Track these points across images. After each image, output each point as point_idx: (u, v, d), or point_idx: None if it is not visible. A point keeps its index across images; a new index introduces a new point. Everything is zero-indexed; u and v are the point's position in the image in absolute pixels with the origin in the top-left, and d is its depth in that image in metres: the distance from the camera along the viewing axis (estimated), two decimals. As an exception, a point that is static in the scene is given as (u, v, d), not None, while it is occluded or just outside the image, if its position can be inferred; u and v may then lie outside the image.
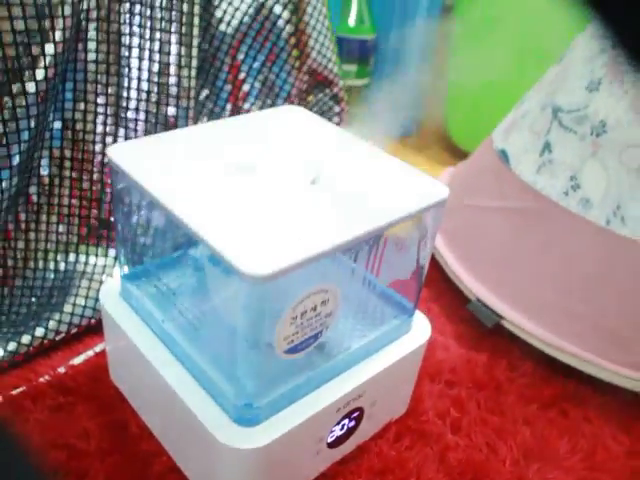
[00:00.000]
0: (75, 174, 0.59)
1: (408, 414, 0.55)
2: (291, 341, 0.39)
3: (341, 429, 0.47)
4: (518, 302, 0.62)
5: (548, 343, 0.59)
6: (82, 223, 0.61)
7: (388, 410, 0.53)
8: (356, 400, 0.46)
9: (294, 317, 0.38)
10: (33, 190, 0.58)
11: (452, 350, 0.64)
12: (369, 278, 0.47)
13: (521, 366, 0.63)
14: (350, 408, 0.46)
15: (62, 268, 0.61)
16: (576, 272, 0.59)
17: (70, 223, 0.61)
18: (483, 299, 0.64)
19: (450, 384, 0.60)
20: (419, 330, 0.51)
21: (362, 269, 0.45)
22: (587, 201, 0.58)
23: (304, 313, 0.38)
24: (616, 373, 0.56)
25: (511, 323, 0.62)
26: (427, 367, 0.60)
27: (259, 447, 0.40)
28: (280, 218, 0.38)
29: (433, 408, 0.56)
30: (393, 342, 0.49)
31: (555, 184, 0.60)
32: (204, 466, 0.44)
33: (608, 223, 0.56)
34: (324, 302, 0.39)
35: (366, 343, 0.47)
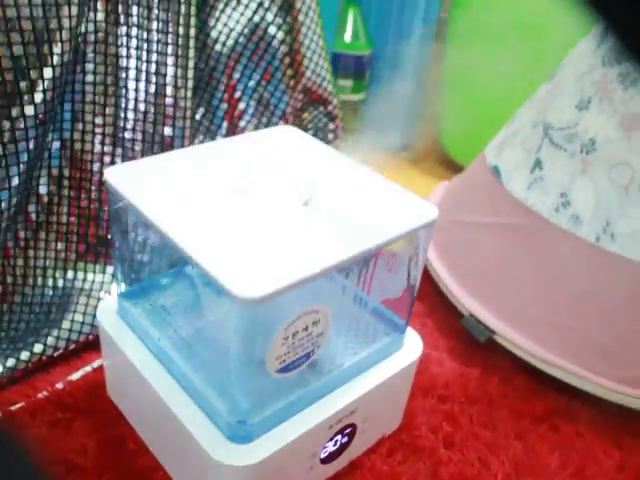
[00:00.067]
0: (73, 193, 0.60)
1: (401, 429, 0.56)
2: (283, 361, 0.40)
3: (334, 445, 0.48)
4: (510, 317, 0.63)
5: (539, 357, 0.60)
6: (80, 240, 0.62)
7: (381, 426, 0.54)
8: (348, 417, 0.47)
9: (285, 337, 0.39)
10: (32, 208, 0.59)
11: (446, 365, 0.65)
12: (361, 296, 0.48)
13: (513, 381, 0.63)
14: (343, 424, 0.47)
15: (60, 285, 0.62)
16: (566, 288, 0.60)
17: (69, 240, 0.62)
18: (476, 314, 0.65)
19: (443, 399, 0.60)
20: (411, 347, 0.52)
21: (354, 287, 0.46)
22: (577, 218, 0.59)
23: (295, 333, 0.39)
24: (605, 387, 0.57)
25: (503, 338, 0.63)
26: (421, 382, 0.61)
27: (253, 464, 0.41)
28: (272, 240, 0.39)
29: (426, 423, 0.57)
30: (385, 359, 0.50)
31: (546, 200, 0.61)
32: (199, 482, 0.45)
33: (598, 240, 0.57)
34: (315, 322, 0.40)
35: (358, 360, 0.48)
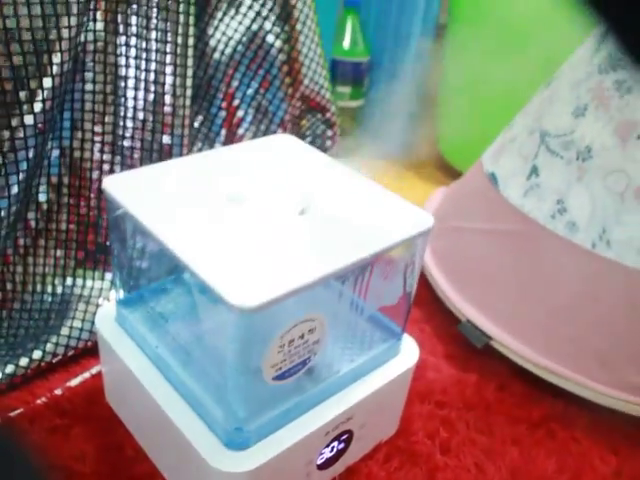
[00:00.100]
0: (73, 200, 0.61)
1: (398, 434, 0.56)
2: (279, 368, 0.40)
3: (331, 451, 0.48)
4: (506, 323, 0.63)
5: (535, 363, 0.60)
6: (79, 248, 0.62)
7: (377, 432, 0.54)
8: (345, 423, 0.47)
9: (282, 345, 0.39)
10: (32, 216, 0.60)
11: (443, 370, 0.65)
12: (357, 303, 0.48)
13: (510, 386, 0.63)
14: (339, 431, 0.47)
15: (60, 291, 0.62)
16: (562, 294, 0.60)
17: (68, 248, 0.62)
18: (473, 320, 0.65)
19: (440, 404, 0.61)
20: (407, 353, 0.52)
21: (350, 295, 0.46)
22: (573, 225, 0.59)
23: (292, 341, 0.40)
24: (602, 393, 0.57)
25: (500, 344, 0.63)
26: (418, 387, 0.61)
27: (249, 470, 0.41)
28: (269, 248, 0.40)
29: (423, 429, 0.57)
30: (382, 366, 0.50)
31: (542, 207, 0.61)
32: (196, 489, 0.45)
33: (594, 246, 0.58)
34: (311, 330, 0.40)
35: (355, 367, 0.48)
